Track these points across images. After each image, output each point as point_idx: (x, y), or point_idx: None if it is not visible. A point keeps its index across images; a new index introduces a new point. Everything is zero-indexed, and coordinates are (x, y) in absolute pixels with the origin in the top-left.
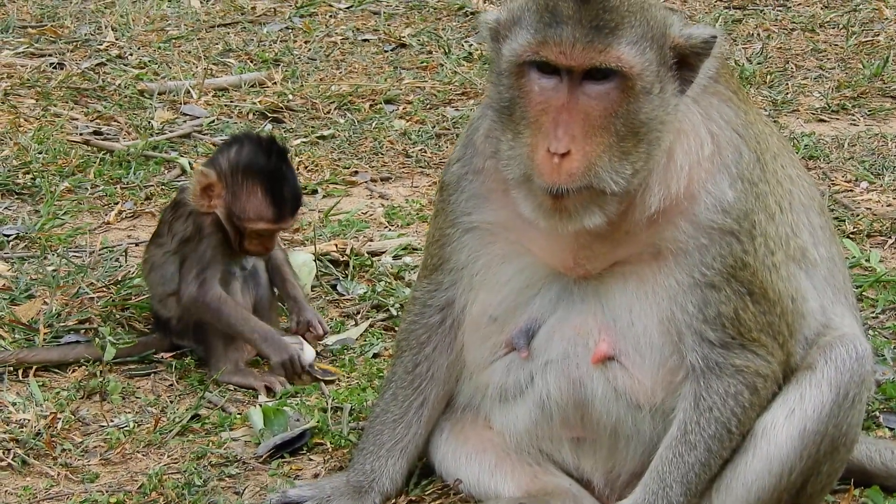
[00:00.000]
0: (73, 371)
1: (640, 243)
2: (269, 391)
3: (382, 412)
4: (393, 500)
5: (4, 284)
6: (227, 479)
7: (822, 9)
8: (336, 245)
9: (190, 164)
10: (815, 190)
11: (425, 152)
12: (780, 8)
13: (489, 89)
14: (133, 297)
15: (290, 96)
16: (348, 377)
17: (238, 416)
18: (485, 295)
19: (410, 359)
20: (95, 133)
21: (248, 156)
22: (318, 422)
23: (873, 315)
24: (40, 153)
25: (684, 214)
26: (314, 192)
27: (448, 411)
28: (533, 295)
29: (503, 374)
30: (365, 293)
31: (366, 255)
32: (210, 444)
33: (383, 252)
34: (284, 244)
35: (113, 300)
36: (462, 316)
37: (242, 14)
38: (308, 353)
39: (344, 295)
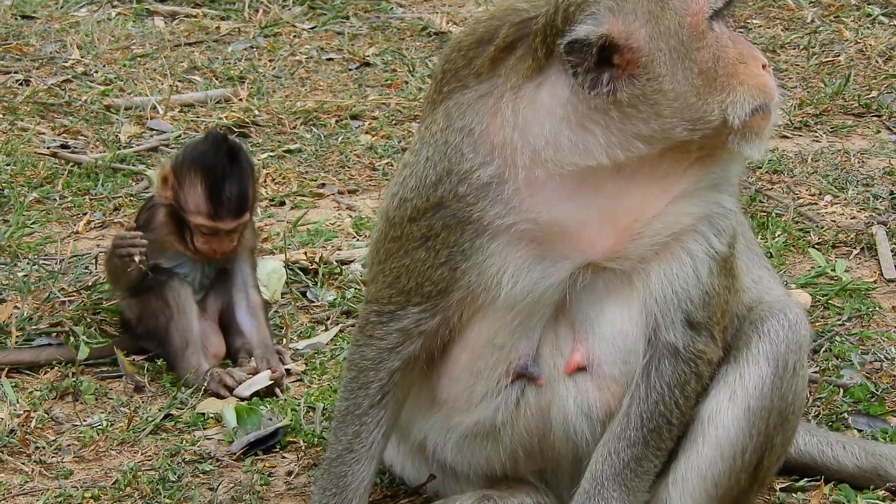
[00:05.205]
0: (46, 373)
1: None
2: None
3: (346, 451)
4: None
5: None
6: (201, 475)
7: (782, 30)
8: (305, 253)
9: None
10: None
11: (392, 166)
12: (741, 30)
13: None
14: (104, 302)
15: (256, 112)
16: (320, 379)
17: (211, 416)
18: (494, 315)
19: (378, 388)
20: (63, 146)
21: (197, 150)
22: (291, 420)
23: (840, 322)
24: (8, 165)
25: None
26: (282, 203)
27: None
28: (542, 307)
29: (502, 408)
30: (335, 300)
31: (335, 263)
32: (183, 441)
33: (352, 260)
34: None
35: (84, 304)
36: (454, 341)
37: (207, 34)
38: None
39: (314, 301)
